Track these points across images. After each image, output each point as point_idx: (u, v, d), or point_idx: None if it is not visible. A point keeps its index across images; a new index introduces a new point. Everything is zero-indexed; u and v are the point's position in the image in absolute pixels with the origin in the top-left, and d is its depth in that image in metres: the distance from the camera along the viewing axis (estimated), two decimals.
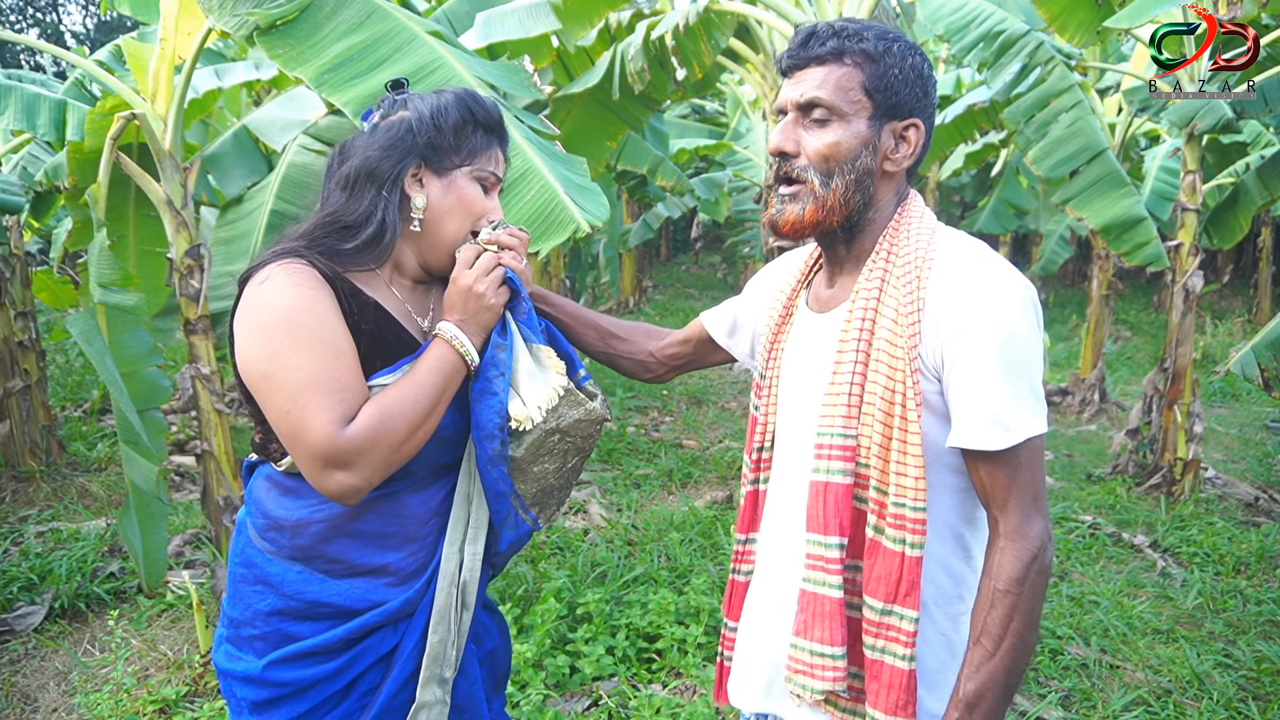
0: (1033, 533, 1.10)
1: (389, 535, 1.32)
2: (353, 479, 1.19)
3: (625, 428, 6.25)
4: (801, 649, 1.17)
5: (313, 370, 1.18)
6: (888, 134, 1.18)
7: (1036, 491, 1.11)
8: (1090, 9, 4.51)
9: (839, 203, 1.17)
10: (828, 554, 1.15)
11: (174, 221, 2.91)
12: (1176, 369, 4.79)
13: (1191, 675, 2.96)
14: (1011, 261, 10.24)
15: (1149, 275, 12.93)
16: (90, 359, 2.99)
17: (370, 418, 1.19)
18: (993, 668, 1.09)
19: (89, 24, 23.66)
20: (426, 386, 1.24)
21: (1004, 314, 1.09)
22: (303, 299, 1.21)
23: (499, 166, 1.40)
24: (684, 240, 19.22)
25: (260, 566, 1.33)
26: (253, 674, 1.30)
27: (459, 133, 1.34)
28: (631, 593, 3.41)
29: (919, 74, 1.18)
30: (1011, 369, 1.09)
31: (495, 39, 3.61)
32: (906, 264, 1.15)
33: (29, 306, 5.23)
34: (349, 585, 1.31)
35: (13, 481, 4.96)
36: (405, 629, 1.33)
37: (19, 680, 3.04)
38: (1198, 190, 4.66)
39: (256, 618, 1.32)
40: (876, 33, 1.17)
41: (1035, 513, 1.11)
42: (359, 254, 1.30)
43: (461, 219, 1.35)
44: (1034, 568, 1.09)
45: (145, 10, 3.51)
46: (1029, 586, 1.09)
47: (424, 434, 1.25)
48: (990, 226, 9.52)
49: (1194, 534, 4.22)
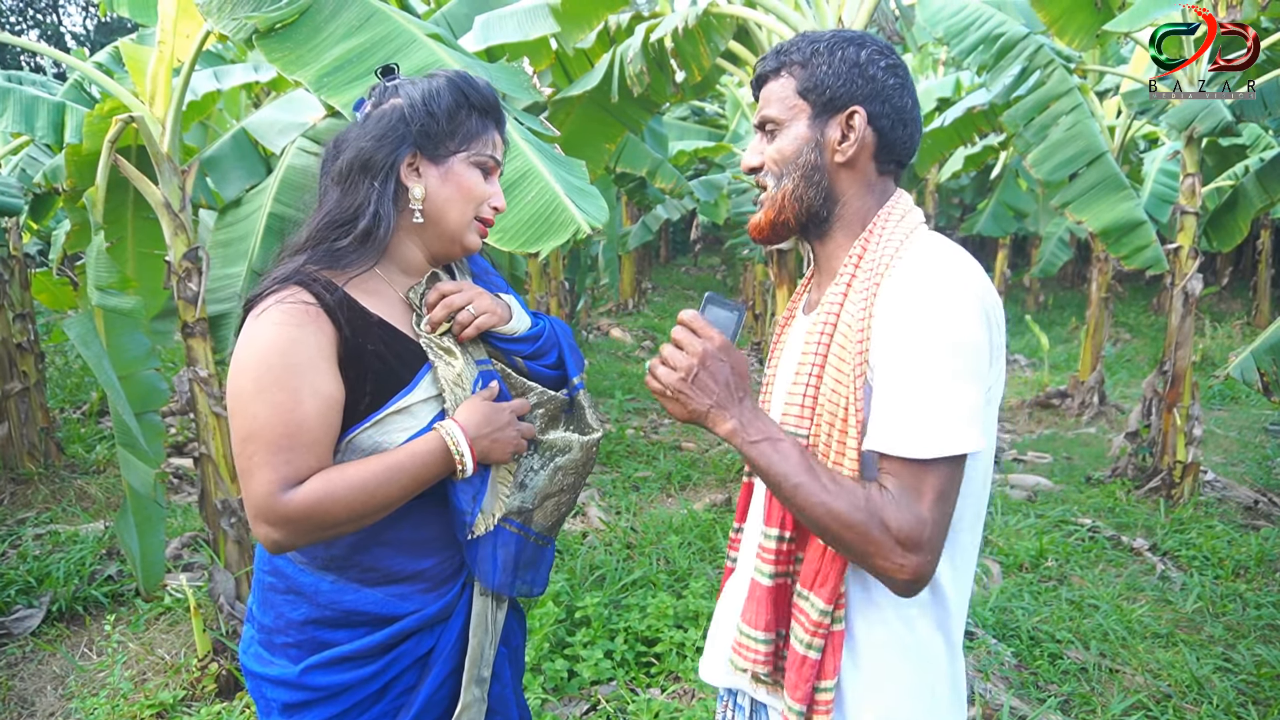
0: (913, 533, 1.03)
1: (424, 542, 1.32)
2: (279, 538, 1.19)
3: (624, 430, 6.25)
4: (743, 633, 1.23)
5: (265, 422, 1.17)
6: (834, 127, 1.20)
7: (926, 517, 1.04)
8: (1090, 12, 4.51)
9: (790, 200, 1.22)
10: (768, 544, 1.19)
11: (172, 224, 2.90)
12: (1176, 372, 4.79)
13: (1191, 679, 2.96)
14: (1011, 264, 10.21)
15: (1148, 278, 12.93)
16: (88, 361, 2.98)
17: (312, 494, 1.17)
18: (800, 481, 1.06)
19: (89, 26, 23.66)
20: (394, 484, 1.21)
21: (944, 319, 1.06)
22: (278, 342, 1.19)
23: (497, 150, 1.36)
24: (683, 242, 19.21)
25: (291, 577, 1.31)
26: (289, 678, 1.30)
27: (453, 117, 1.30)
28: (630, 596, 3.40)
29: (853, 63, 1.19)
30: (943, 376, 1.05)
31: (494, 42, 3.60)
32: (869, 269, 1.15)
33: (28, 308, 5.23)
34: (384, 593, 1.30)
35: (11, 484, 4.95)
36: (441, 631, 1.34)
37: (16, 684, 3.04)
38: (1197, 193, 4.66)
39: (290, 626, 1.31)
40: (811, 39, 1.22)
41: (921, 541, 1.03)
42: (356, 251, 1.26)
43: (463, 206, 1.32)
44: (886, 546, 1.03)
45: (144, 12, 3.50)
46: (867, 535, 1.03)
47: (373, 520, 1.23)
48: (989, 229, 9.52)
49: (1193, 537, 4.22)
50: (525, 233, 2.25)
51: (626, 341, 10.38)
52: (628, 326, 11.21)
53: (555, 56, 4.42)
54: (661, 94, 4.43)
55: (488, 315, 1.32)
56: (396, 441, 1.25)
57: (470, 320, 1.31)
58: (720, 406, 1.13)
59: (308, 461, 1.19)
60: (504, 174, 2.36)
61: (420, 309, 1.32)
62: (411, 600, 1.31)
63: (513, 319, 1.38)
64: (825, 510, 1.05)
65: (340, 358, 1.23)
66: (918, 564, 1.04)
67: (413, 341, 1.30)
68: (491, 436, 1.28)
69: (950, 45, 4.57)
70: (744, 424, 1.12)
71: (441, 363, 1.29)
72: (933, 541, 1.05)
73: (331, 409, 1.21)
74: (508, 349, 1.38)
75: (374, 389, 1.25)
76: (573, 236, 2.20)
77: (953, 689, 1.22)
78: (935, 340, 1.05)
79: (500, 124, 1.38)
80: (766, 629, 1.19)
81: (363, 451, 1.24)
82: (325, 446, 1.21)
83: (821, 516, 1.06)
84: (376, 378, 1.25)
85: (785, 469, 1.08)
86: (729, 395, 1.13)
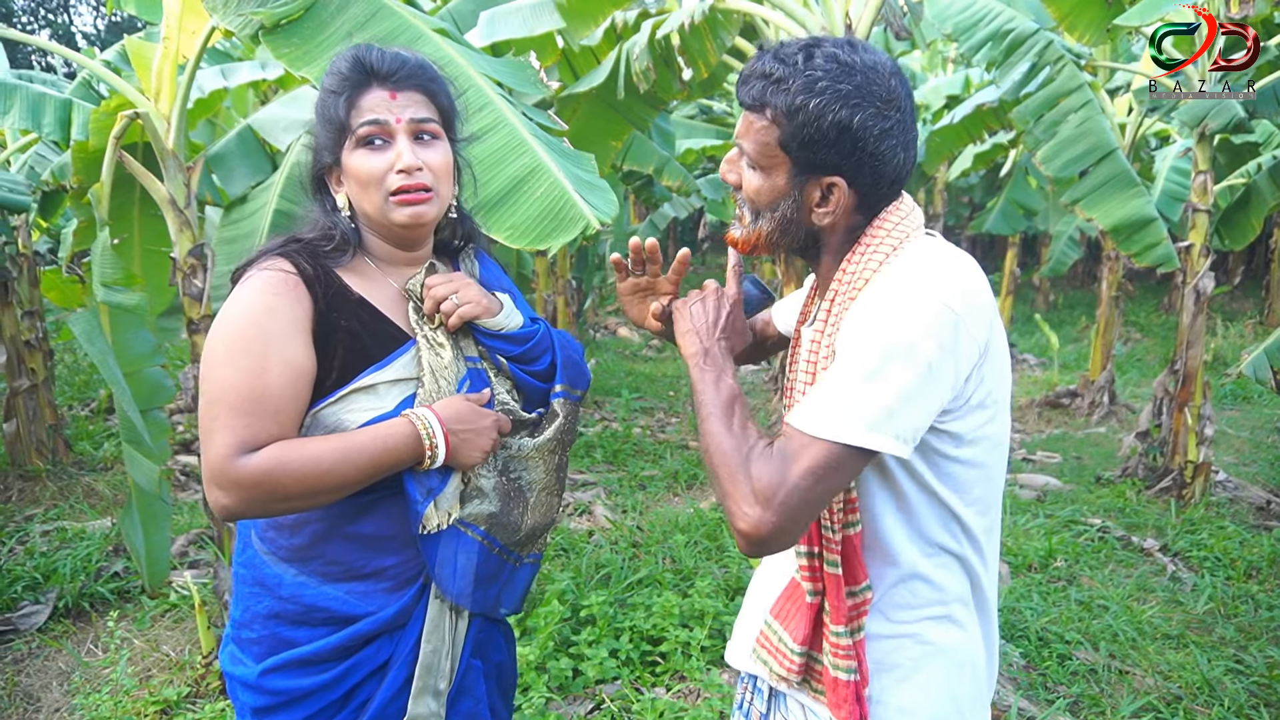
0: (755, 511, 1.02)
1: (387, 539, 1.29)
2: (228, 503, 1.17)
3: (631, 429, 6.23)
4: (772, 629, 1.23)
5: (230, 385, 1.17)
6: (814, 187, 1.14)
7: (786, 482, 1.02)
8: (1100, 7, 4.48)
9: (765, 241, 1.20)
10: (800, 560, 1.20)
11: (177, 221, 2.89)
12: (1187, 371, 4.75)
13: (1202, 681, 2.93)
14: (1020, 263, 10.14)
15: (1159, 276, 12.84)
16: (93, 358, 2.99)
17: (265, 461, 1.16)
18: (710, 396, 1.16)
19: (99, 25, 23.78)
20: (349, 463, 1.18)
21: (888, 321, 1.04)
22: (253, 309, 1.20)
23: (375, 109, 1.24)
24: (690, 240, 19.19)
25: (258, 568, 1.31)
26: (250, 680, 1.29)
27: (329, 119, 1.26)
28: (635, 595, 3.39)
29: (843, 129, 1.07)
30: (861, 371, 1.03)
31: (499, 37, 3.60)
32: (850, 280, 1.14)
33: (37, 306, 5.24)
34: (345, 590, 1.28)
35: (19, 480, 4.97)
36: (400, 637, 1.30)
37: (22, 680, 3.04)
38: (1209, 191, 4.62)
39: (255, 620, 1.31)
40: (804, 83, 1.07)
41: (773, 499, 1.01)
42: (334, 254, 1.29)
43: (368, 194, 1.26)
44: (746, 481, 1.04)
45: (151, 9, 3.49)
46: (735, 469, 1.05)
47: (327, 499, 1.21)
48: (999, 227, 9.47)
49: (1204, 538, 4.18)
50: (534, 230, 2.23)
51: (634, 340, 10.37)
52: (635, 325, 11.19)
53: (561, 53, 4.41)
54: (668, 91, 4.41)
55: (471, 305, 1.31)
56: (357, 421, 1.23)
57: (454, 309, 1.29)
58: (695, 333, 1.26)
59: (268, 428, 1.18)
60: (511, 171, 2.35)
61: (419, 299, 1.32)
62: (372, 600, 1.28)
63: (501, 314, 1.36)
64: (715, 443, 1.10)
65: (314, 330, 1.23)
66: (759, 519, 1.02)
67: (393, 324, 1.29)
68: (463, 435, 1.25)
69: (959, 42, 4.53)
70: (706, 353, 1.23)
71: (430, 352, 1.29)
72: (786, 506, 1.01)
73: (299, 379, 1.21)
74: (492, 345, 1.35)
75: (342, 364, 1.24)
76: (583, 232, 2.18)
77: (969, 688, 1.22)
78: (871, 338, 1.04)
79: (376, 77, 1.26)
80: (803, 643, 1.19)
81: (325, 428, 1.23)
82: (289, 416, 1.20)
83: (709, 447, 1.10)
84: (346, 353, 1.24)
85: (712, 399, 1.15)
86: (708, 330, 1.26)
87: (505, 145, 2.31)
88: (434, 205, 1.29)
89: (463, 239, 1.47)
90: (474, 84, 2.38)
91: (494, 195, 2.26)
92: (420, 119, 1.27)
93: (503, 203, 2.26)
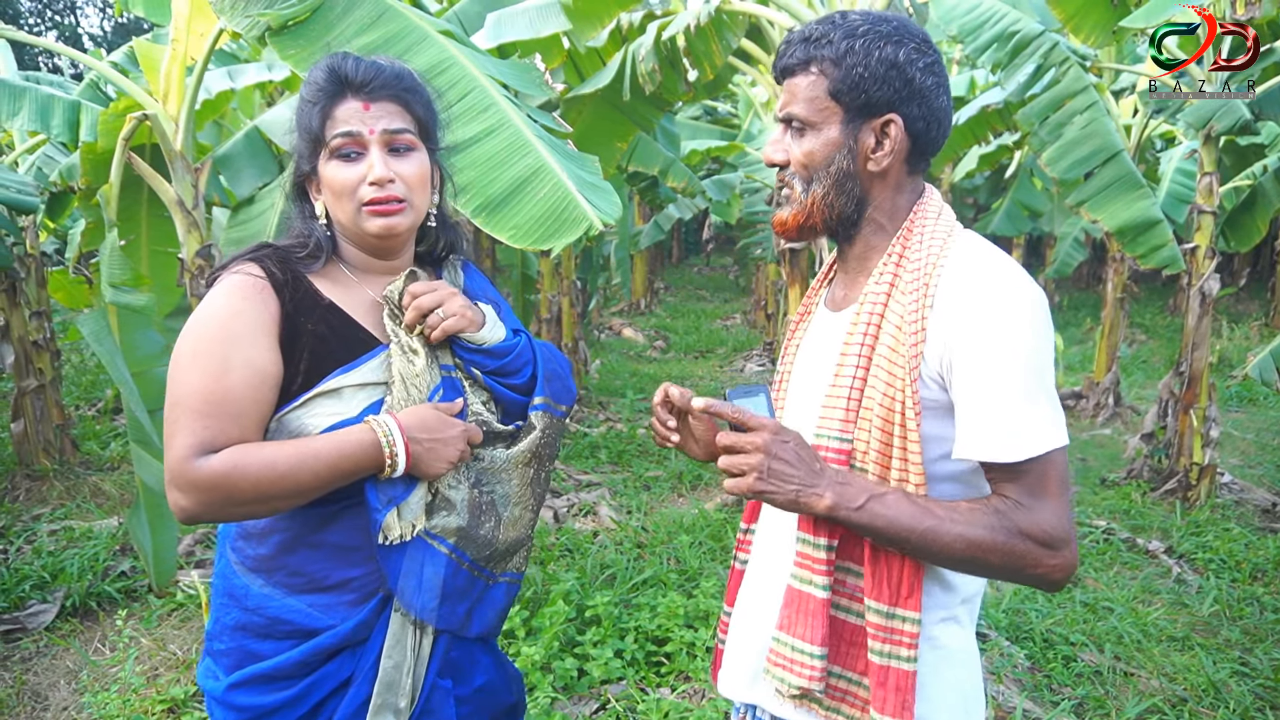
0: (1052, 530, 1.05)
1: (353, 549, 1.27)
2: (186, 505, 1.16)
3: (635, 430, 6.24)
4: (783, 643, 1.17)
5: (193, 388, 1.17)
6: (867, 133, 1.15)
7: (1057, 505, 1.06)
8: (1106, 9, 4.47)
9: (819, 206, 1.17)
10: (815, 554, 1.14)
11: (185, 222, 2.91)
12: (1192, 373, 4.74)
13: (1207, 684, 2.92)
14: (1025, 265, 10.22)
15: (1164, 278, 12.81)
16: (101, 358, 3.00)
17: (222, 464, 1.15)
18: (930, 524, 1.05)
19: (106, 27, 23.86)
20: (306, 469, 1.17)
21: (1016, 320, 1.06)
22: (220, 312, 1.20)
23: (349, 120, 1.24)
24: (696, 242, 19.20)
25: (228, 579, 1.30)
26: (217, 694, 1.28)
27: (306, 129, 1.26)
28: (640, 596, 3.39)
29: (891, 64, 1.11)
30: (1024, 376, 1.05)
31: (505, 39, 3.61)
32: (916, 268, 1.13)
33: (44, 306, 5.27)
34: (308, 602, 1.26)
35: (26, 480, 4.99)
36: (361, 653, 1.28)
37: (30, 678, 3.06)
38: (1214, 192, 4.61)
39: (224, 631, 1.30)
40: (844, 30, 1.12)
41: (1064, 535, 1.06)
42: (307, 261, 1.29)
43: (342, 204, 1.26)
44: (1037, 553, 1.04)
45: (159, 11, 3.52)
46: (1017, 549, 1.04)
47: (282, 505, 1.20)
48: (1004, 229, 9.46)
49: (1210, 540, 4.17)
50: (537, 230, 2.24)
51: (638, 341, 10.38)
52: (640, 326, 11.21)
53: (567, 54, 4.42)
54: (674, 92, 4.42)
55: (456, 319, 1.29)
56: (320, 426, 1.22)
57: (438, 323, 1.28)
58: (808, 487, 1.07)
59: (227, 431, 1.17)
60: (514, 172, 2.37)
61: (398, 307, 1.30)
62: (333, 613, 1.26)
63: (484, 328, 1.33)
64: (965, 543, 1.05)
65: (280, 334, 1.22)
66: (1066, 560, 1.06)
67: (363, 330, 1.29)
68: (428, 444, 1.23)
69: (964, 43, 4.53)
70: (839, 495, 1.07)
71: (403, 359, 1.27)
72: (1070, 531, 1.06)
73: (262, 383, 1.20)
74: (469, 359, 1.33)
75: (308, 368, 1.23)
76: (586, 233, 2.19)
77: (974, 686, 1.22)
78: (1020, 345, 1.06)
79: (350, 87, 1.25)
80: (824, 643, 1.14)
81: (289, 433, 1.22)
82: (251, 419, 1.19)
83: (962, 550, 1.05)
84: (312, 357, 1.23)
85: (905, 522, 1.05)
86: (810, 473, 1.07)
87: (509, 146, 2.33)
88: (407, 216, 1.28)
89: (445, 249, 1.43)
90: (479, 85, 2.39)
91: (498, 196, 2.28)
92: (394, 130, 1.25)
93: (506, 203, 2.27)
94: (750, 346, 9.72)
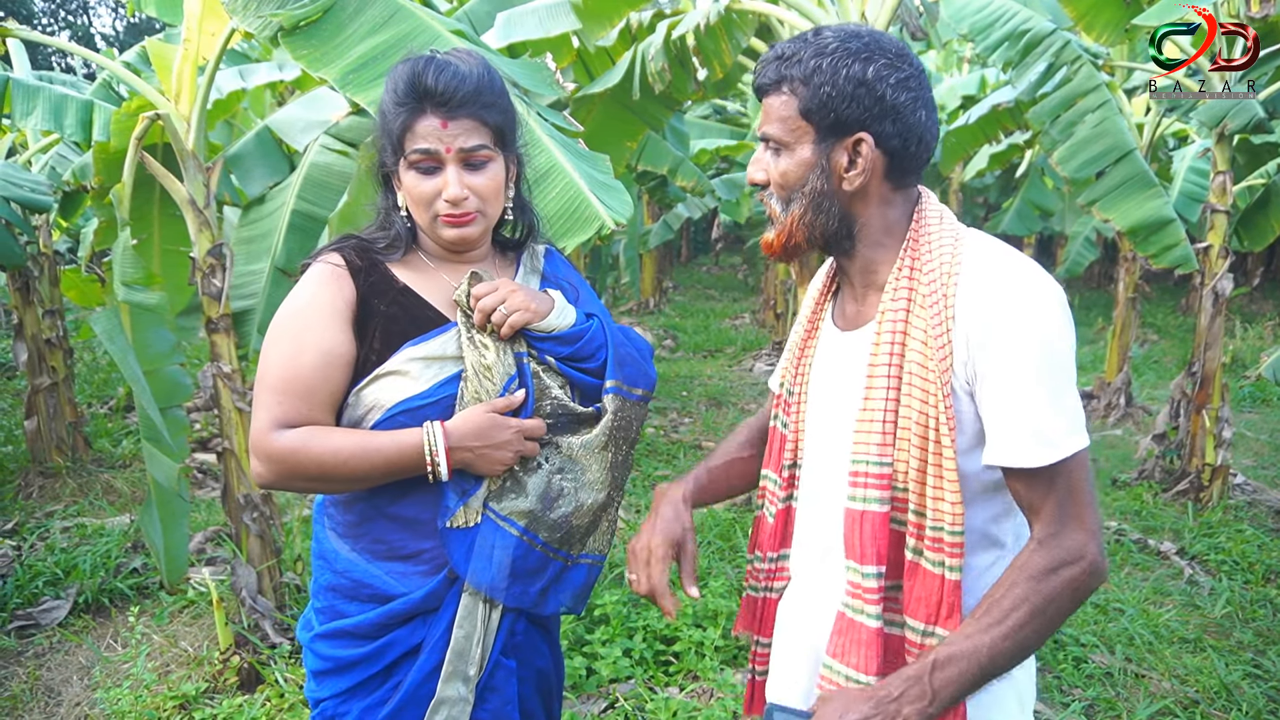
0: (1069, 543, 1.05)
1: (424, 522, 1.35)
2: (262, 471, 1.30)
3: (644, 429, 6.24)
4: (835, 671, 1.16)
5: (274, 365, 1.30)
6: (840, 152, 1.13)
7: (1081, 508, 1.06)
8: (1118, 7, 4.45)
9: (799, 226, 1.17)
10: (865, 583, 1.13)
11: (196, 221, 2.92)
12: (1205, 373, 4.71)
13: (1219, 686, 2.91)
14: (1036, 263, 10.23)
15: (1177, 278, 12.73)
16: (113, 356, 3.02)
17: (292, 440, 1.27)
18: (979, 642, 1.03)
19: (118, 27, 24.00)
20: (365, 460, 1.27)
21: (1036, 321, 1.05)
22: (299, 299, 1.32)
23: (428, 137, 1.27)
24: (704, 241, 19.17)
25: (322, 542, 1.41)
26: (306, 643, 1.40)
27: (386, 130, 1.32)
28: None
29: (859, 82, 1.09)
30: (1048, 379, 1.05)
31: (515, 39, 3.61)
32: (932, 280, 1.11)
33: (57, 304, 5.30)
34: (387, 569, 1.35)
35: (39, 477, 5.03)
36: (432, 621, 1.35)
37: (43, 674, 3.08)
38: (1228, 191, 4.58)
39: (320, 591, 1.41)
40: (814, 49, 1.11)
41: (1078, 528, 1.06)
42: (387, 251, 1.36)
43: (420, 210, 1.33)
44: (1063, 574, 1.04)
45: (171, 11, 3.53)
46: (1049, 588, 1.04)
47: (343, 487, 1.32)
48: (1015, 228, 9.42)
49: (1222, 541, 4.15)
50: (550, 229, 2.24)
51: (647, 340, 10.36)
52: (649, 325, 11.20)
53: (577, 54, 4.42)
54: (683, 92, 4.42)
55: (520, 313, 1.33)
56: (391, 399, 1.30)
57: (504, 320, 1.32)
58: (873, 700, 1.04)
59: (299, 408, 1.28)
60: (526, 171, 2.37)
61: (468, 309, 1.34)
62: (408, 581, 1.35)
63: (551, 315, 1.37)
64: (1027, 626, 1.03)
65: (355, 316, 1.31)
66: (1097, 562, 1.05)
67: (432, 309, 1.35)
68: (479, 450, 1.29)
69: (975, 42, 4.51)
70: (918, 696, 1.03)
71: (474, 352, 1.32)
72: (1097, 527, 1.07)
73: (332, 364, 1.30)
74: (540, 346, 1.37)
75: (380, 346, 1.31)
76: (598, 232, 2.19)
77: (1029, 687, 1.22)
78: (1044, 348, 1.05)
79: (431, 102, 1.27)
80: (878, 672, 1.12)
81: (365, 406, 1.31)
82: (320, 398, 1.30)
83: (1030, 634, 1.03)
84: (384, 335, 1.31)
85: (976, 660, 1.02)
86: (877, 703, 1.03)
87: None
88: (479, 225, 1.35)
89: (525, 232, 1.50)
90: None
91: None
92: (470, 147, 1.29)
93: None
94: (759, 346, 9.71)
